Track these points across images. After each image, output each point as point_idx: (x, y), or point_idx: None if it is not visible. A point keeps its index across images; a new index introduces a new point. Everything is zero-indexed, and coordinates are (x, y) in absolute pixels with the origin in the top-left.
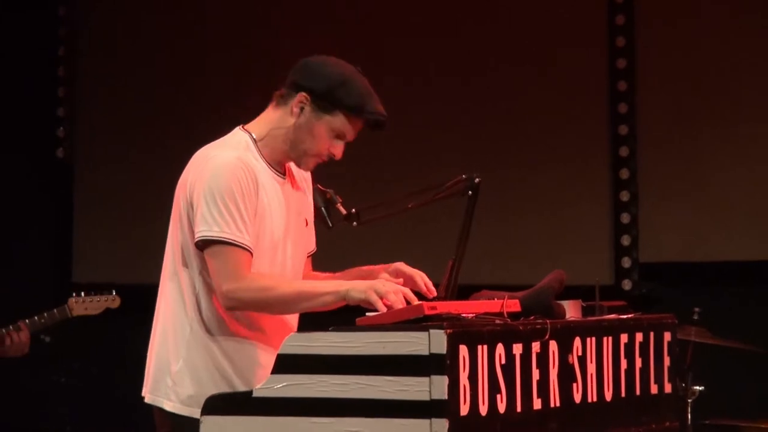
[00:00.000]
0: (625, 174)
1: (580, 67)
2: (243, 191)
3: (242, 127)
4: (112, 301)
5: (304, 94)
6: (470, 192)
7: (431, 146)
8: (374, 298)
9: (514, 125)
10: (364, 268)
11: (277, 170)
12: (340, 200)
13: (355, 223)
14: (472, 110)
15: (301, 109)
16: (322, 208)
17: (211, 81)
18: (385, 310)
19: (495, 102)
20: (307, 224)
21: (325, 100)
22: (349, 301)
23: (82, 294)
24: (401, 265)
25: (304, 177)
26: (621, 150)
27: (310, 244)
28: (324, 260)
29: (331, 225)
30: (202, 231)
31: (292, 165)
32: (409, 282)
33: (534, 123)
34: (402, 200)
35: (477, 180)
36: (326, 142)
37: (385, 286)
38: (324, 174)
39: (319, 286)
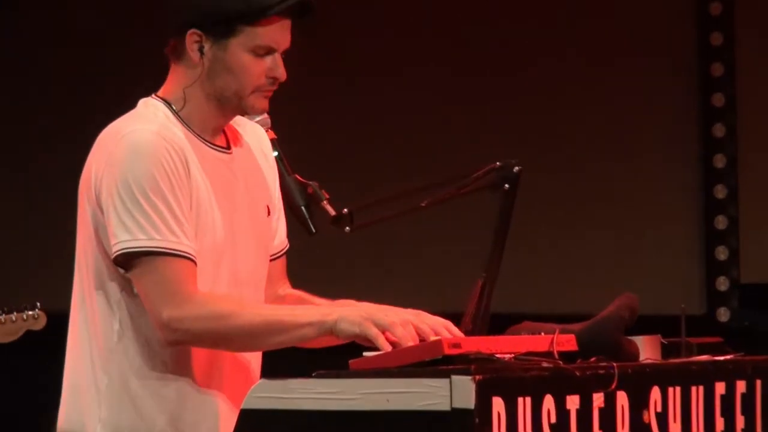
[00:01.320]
0: (720, 162)
1: (657, 15)
2: (170, 177)
3: (154, 95)
4: (35, 320)
5: (191, 30)
6: (507, 185)
7: (454, 126)
8: (373, 331)
9: (567, 100)
10: (362, 304)
11: (213, 143)
12: (327, 197)
13: (347, 227)
14: (510, 80)
15: (200, 50)
16: (303, 208)
17: (145, 37)
18: (388, 348)
19: (542, 72)
20: (269, 213)
21: (217, 24)
22: (338, 334)
23: None
24: (419, 315)
25: (261, 146)
26: (715, 129)
27: (276, 242)
28: (300, 280)
29: (314, 230)
30: (123, 242)
31: (240, 129)
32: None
33: (595, 96)
34: (412, 196)
35: (517, 169)
36: (254, 69)
37: (389, 315)
38: (305, 161)
39: (298, 314)
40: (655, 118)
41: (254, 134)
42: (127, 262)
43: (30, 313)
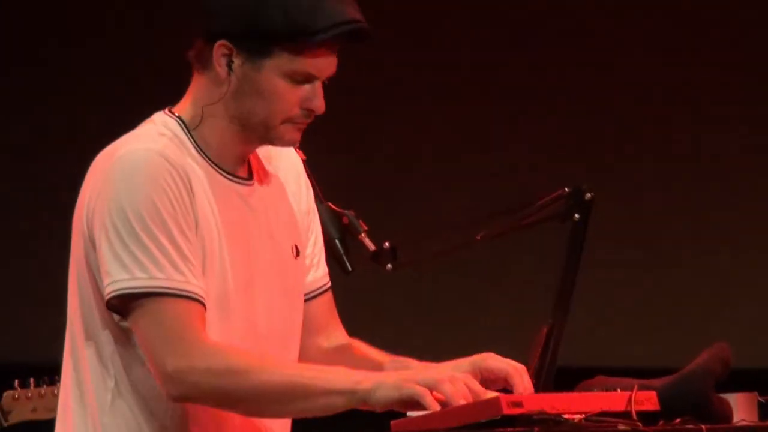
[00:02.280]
0: None
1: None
2: (174, 205)
3: (167, 110)
4: None
5: (221, 42)
6: (577, 215)
7: (515, 149)
8: (418, 389)
9: (649, 112)
10: (420, 364)
11: (229, 173)
12: (365, 229)
13: (389, 265)
14: (582, 90)
15: (229, 65)
16: (337, 241)
17: (158, 46)
18: (437, 406)
19: (618, 77)
20: (297, 254)
21: (252, 40)
22: (374, 405)
23: (30, 383)
24: (487, 358)
25: (294, 173)
26: None
27: (310, 278)
28: None
29: (350, 268)
30: (118, 281)
31: (264, 153)
32: (498, 379)
33: (685, 111)
34: (465, 229)
35: (589, 196)
36: (289, 97)
37: (438, 373)
38: (339, 187)
39: (327, 378)
40: (755, 138)
41: (286, 158)
42: (124, 305)
43: None
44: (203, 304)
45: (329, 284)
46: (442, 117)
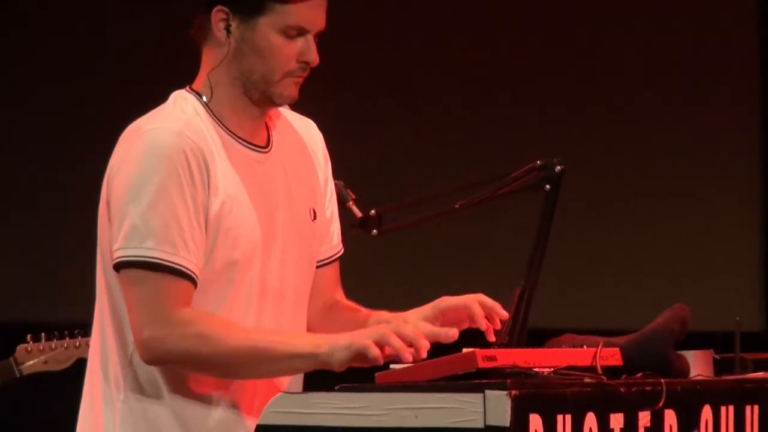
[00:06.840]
0: None
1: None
2: (184, 184)
3: (187, 87)
4: (87, 345)
5: (217, 8)
6: (548, 186)
7: (491, 122)
8: (364, 344)
9: (617, 89)
10: (392, 315)
11: (248, 141)
12: (353, 197)
13: (374, 231)
14: (551, 75)
15: (227, 29)
16: None
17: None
18: (379, 355)
19: (587, 55)
20: (315, 217)
21: (244, 0)
22: (335, 366)
23: (42, 337)
24: (444, 299)
25: (311, 143)
26: None
27: (326, 246)
28: None
29: None
30: (119, 249)
31: (281, 123)
32: (461, 315)
33: (648, 88)
34: (445, 198)
35: (559, 168)
36: (285, 51)
37: (386, 328)
38: (330, 159)
39: (291, 343)
40: (711, 111)
41: (304, 130)
42: (122, 271)
43: (83, 339)
44: (191, 278)
45: (342, 251)
46: (426, 92)
